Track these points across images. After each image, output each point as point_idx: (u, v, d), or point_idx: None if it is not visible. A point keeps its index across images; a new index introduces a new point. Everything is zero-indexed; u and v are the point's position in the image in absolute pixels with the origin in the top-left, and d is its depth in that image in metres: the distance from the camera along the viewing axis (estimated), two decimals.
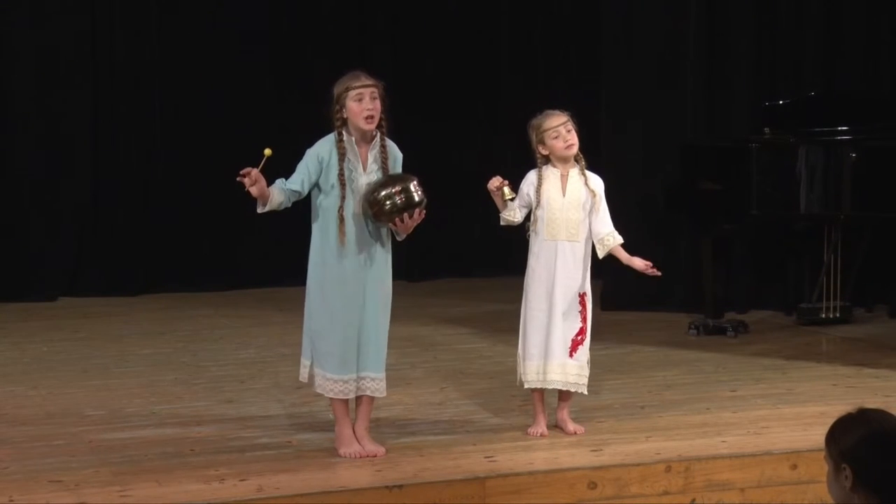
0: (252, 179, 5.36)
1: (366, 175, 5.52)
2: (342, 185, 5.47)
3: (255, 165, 5.37)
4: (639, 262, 5.93)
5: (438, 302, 9.55)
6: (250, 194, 5.42)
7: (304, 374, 5.66)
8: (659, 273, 5.93)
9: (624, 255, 5.94)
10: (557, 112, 5.88)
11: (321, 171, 5.50)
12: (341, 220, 5.48)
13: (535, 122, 5.90)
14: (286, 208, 5.60)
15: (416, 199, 5.46)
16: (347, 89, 5.50)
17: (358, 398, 5.63)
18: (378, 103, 5.51)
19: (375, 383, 5.61)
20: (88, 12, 9.71)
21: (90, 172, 9.79)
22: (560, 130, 5.83)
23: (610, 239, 5.91)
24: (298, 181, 5.50)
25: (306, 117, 5.71)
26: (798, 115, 8.42)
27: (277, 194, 5.47)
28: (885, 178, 7.55)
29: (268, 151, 5.36)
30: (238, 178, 5.37)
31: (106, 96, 9.81)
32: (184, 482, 5.19)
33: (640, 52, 9.15)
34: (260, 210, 5.51)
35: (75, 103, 9.71)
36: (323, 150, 5.53)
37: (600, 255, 5.94)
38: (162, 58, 9.88)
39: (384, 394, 5.68)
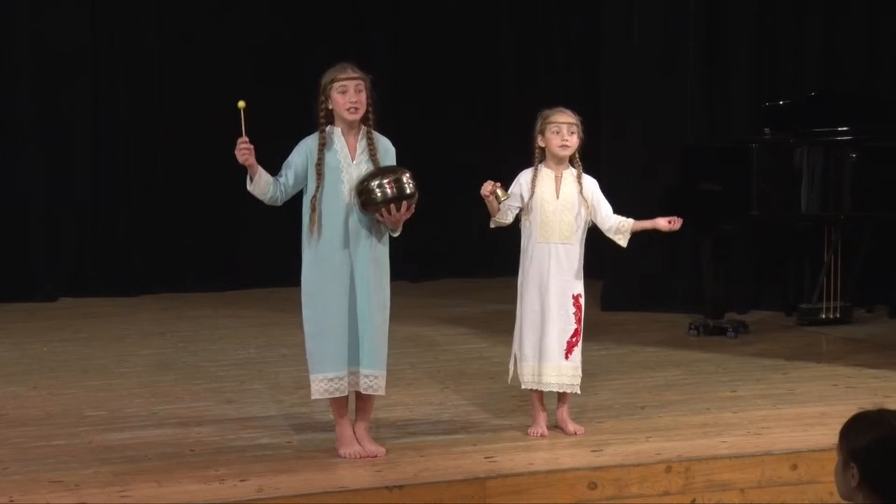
0: (245, 150, 5.34)
1: (355, 165, 5.48)
2: (318, 174, 5.44)
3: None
4: (662, 222, 5.94)
5: (438, 302, 9.55)
6: (241, 160, 5.39)
7: (314, 391, 5.52)
8: (679, 222, 5.94)
9: (644, 224, 5.94)
10: (569, 112, 5.88)
11: (307, 164, 5.47)
12: (313, 208, 5.45)
13: (545, 111, 5.91)
14: (279, 204, 5.55)
15: (408, 190, 5.41)
16: (333, 81, 5.48)
17: (358, 398, 5.58)
18: (363, 96, 5.48)
19: (370, 380, 5.49)
20: (89, 12, 9.72)
21: (90, 172, 9.80)
22: (562, 128, 5.83)
23: (624, 224, 5.90)
24: (283, 172, 5.48)
25: (307, 117, 5.69)
26: (798, 115, 8.42)
27: (265, 174, 5.43)
28: (885, 178, 7.55)
29: (241, 104, 5.31)
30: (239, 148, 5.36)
31: (106, 96, 9.81)
32: (184, 482, 5.18)
33: (641, 53, 9.16)
34: (249, 187, 5.45)
35: (75, 103, 9.72)
36: (309, 141, 5.52)
37: (624, 242, 5.93)
38: (162, 57, 9.90)
39: (382, 392, 5.57)
